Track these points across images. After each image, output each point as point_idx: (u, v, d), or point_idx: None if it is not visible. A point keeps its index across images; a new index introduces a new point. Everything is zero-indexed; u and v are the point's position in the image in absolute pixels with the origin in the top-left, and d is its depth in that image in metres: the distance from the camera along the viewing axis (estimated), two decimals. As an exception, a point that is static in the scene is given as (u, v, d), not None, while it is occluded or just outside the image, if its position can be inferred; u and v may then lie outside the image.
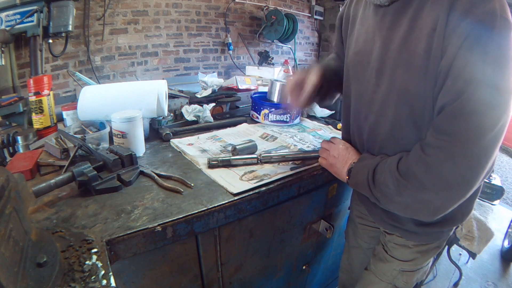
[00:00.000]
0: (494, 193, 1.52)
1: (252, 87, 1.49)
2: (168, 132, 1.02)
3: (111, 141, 0.91)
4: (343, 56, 0.90)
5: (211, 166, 0.82)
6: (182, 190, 0.71)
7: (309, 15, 2.81)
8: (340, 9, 0.90)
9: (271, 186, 0.76)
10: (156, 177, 0.75)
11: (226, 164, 0.83)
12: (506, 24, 0.50)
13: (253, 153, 0.91)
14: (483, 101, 0.52)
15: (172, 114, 1.17)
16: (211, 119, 1.18)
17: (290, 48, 2.65)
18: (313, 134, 1.14)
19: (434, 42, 0.56)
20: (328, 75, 0.83)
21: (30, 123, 1.01)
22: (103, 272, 0.47)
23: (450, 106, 0.54)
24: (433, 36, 0.56)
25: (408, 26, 0.60)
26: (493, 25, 0.50)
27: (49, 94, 0.99)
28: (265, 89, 1.38)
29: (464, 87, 0.52)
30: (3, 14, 1.15)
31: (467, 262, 1.93)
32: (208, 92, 1.28)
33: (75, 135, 0.86)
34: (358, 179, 0.71)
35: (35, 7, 1.13)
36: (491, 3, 0.50)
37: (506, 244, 2.08)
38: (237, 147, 0.89)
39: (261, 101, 1.24)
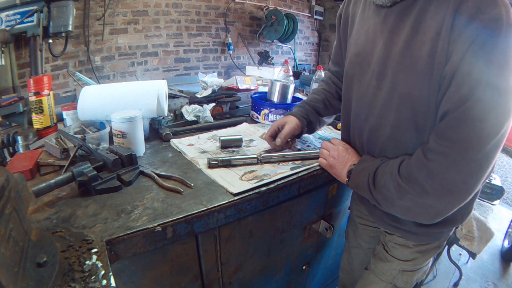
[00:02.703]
0: (494, 193, 1.52)
1: (252, 87, 1.48)
2: (168, 132, 1.02)
3: (111, 141, 0.91)
4: (343, 63, 0.90)
5: (211, 166, 0.82)
6: (182, 190, 0.71)
7: (309, 15, 2.81)
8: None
9: (271, 186, 0.76)
10: (156, 177, 0.75)
11: (226, 164, 0.83)
12: None
13: (238, 146, 0.96)
14: (487, 109, 0.52)
15: (172, 114, 1.17)
16: (211, 119, 1.18)
17: (290, 48, 2.65)
18: (313, 134, 1.14)
19: (438, 46, 0.55)
20: (311, 117, 0.95)
21: (30, 123, 1.01)
22: (103, 272, 0.47)
23: (454, 112, 0.54)
24: (437, 40, 0.55)
25: (411, 29, 0.59)
26: (499, 31, 0.49)
27: (49, 94, 0.99)
28: (265, 89, 1.38)
29: (468, 93, 0.52)
30: (3, 14, 1.15)
31: (467, 262, 1.93)
32: (208, 92, 1.28)
33: (75, 135, 0.86)
34: (358, 181, 0.71)
35: (35, 7, 1.13)
36: (497, 8, 0.49)
37: (506, 244, 2.09)
38: (221, 138, 0.95)
39: (261, 101, 1.24)
